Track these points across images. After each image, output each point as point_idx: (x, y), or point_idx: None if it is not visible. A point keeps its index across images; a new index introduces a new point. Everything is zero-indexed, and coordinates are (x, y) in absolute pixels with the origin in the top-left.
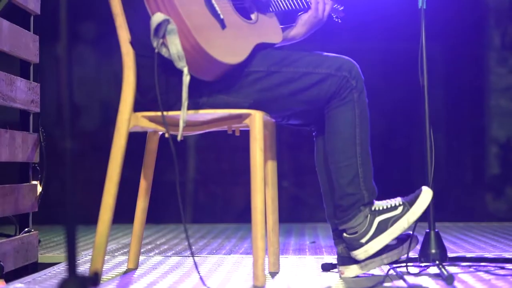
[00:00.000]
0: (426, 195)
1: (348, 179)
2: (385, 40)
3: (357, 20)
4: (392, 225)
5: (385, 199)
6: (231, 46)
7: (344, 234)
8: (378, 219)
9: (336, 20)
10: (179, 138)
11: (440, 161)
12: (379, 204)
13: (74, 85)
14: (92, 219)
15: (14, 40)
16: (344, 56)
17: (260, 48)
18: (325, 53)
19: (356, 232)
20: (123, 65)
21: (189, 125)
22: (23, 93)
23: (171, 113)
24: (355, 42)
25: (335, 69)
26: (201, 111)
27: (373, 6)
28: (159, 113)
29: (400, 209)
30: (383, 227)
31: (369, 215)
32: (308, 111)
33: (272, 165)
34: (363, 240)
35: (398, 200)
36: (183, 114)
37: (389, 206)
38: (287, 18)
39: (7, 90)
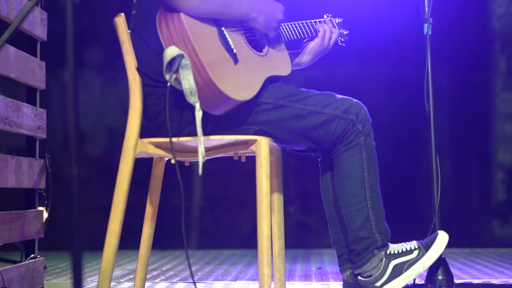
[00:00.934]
0: (442, 239)
1: (359, 223)
2: (391, 65)
3: (363, 44)
4: (407, 269)
5: (391, 225)
6: (243, 81)
7: (359, 278)
8: (393, 263)
9: (341, 44)
10: (200, 172)
11: (446, 187)
12: (394, 248)
13: (80, 110)
14: (98, 245)
15: (21, 66)
16: (352, 99)
17: (271, 81)
18: (335, 94)
19: (370, 276)
20: (130, 92)
21: (195, 151)
22: (29, 119)
23: (176, 139)
24: (360, 67)
25: (342, 111)
26: (208, 137)
27: (378, 31)
28: (165, 139)
29: (415, 253)
30: (398, 271)
31: (384, 259)
32: None
33: (278, 191)
34: (378, 284)
35: (413, 244)
36: (201, 150)
37: (404, 250)
38: (292, 44)
39: (14, 116)
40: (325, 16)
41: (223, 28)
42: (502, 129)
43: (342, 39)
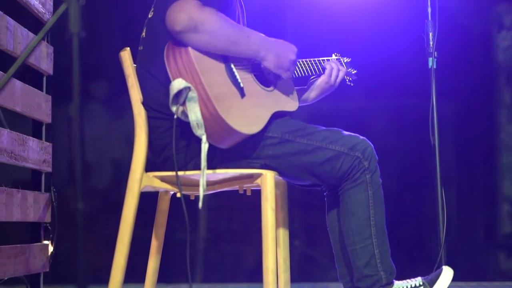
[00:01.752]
0: (447, 274)
1: (364, 260)
2: (396, 99)
3: (369, 78)
4: None
5: (396, 260)
6: (249, 115)
7: None
8: None
9: (349, 83)
10: (200, 205)
11: (451, 220)
12: (399, 285)
13: (86, 144)
14: (103, 279)
15: (26, 100)
16: (359, 136)
17: (277, 116)
18: (342, 131)
19: None
20: (135, 125)
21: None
22: (35, 153)
23: (182, 173)
24: (366, 100)
25: (349, 148)
26: (214, 171)
27: (384, 65)
28: (170, 173)
29: None
30: None
31: None
32: None
33: (283, 225)
34: None
35: (418, 280)
36: (203, 182)
37: (409, 287)
38: (299, 79)
39: (20, 150)
40: (333, 55)
41: (231, 64)
42: (508, 161)
43: (350, 78)
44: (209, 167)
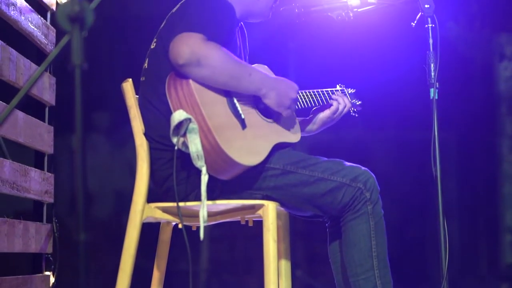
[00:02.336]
0: None
1: None
2: (398, 129)
3: (370, 109)
4: None
5: None
6: (250, 147)
7: None
8: None
9: (353, 114)
10: (201, 237)
11: (454, 250)
12: None
13: (88, 174)
14: None
15: (29, 131)
16: (361, 167)
17: (279, 147)
18: (344, 162)
19: None
20: (137, 156)
21: None
22: (37, 184)
23: (183, 204)
24: (367, 131)
25: (350, 179)
26: (215, 202)
27: (385, 96)
28: (172, 204)
29: None
30: None
31: None
32: None
33: (285, 256)
34: None
35: None
36: (203, 213)
37: None
38: (302, 110)
39: (22, 180)
40: (337, 86)
41: (234, 98)
42: (510, 192)
43: (355, 109)
44: (211, 198)
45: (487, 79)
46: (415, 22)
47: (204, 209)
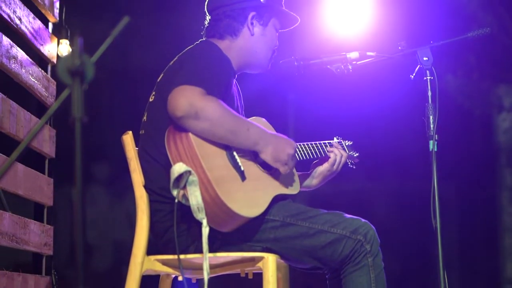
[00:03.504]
0: None
1: None
2: (398, 181)
3: (370, 161)
4: None
5: None
6: (250, 198)
7: None
8: None
9: (351, 166)
10: None
11: None
12: None
13: (87, 225)
14: None
15: (29, 183)
16: (361, 219)
17: (279, 199)
18: (344, 214)
19: None
20: (137, 208)
21: (202, 268)
22: (36, 236)
23: (184, 256)
24: (367, 183)
25: (350, 231)
26: (216, 254)
27: (385, 148)
28: (172, 256)
29: None
30: None
31: None
32: None
33: None
34: None
35: None
36: (206, 266)
37: None
38: (299, 163)
39: (21, 233)
40: (335, 138)
41: (233, 151)
42: (510, 243)
43: (353, 162)
44: (211, 250)
45: (486, 131)
46: (414, 74)
47: (207, 262)
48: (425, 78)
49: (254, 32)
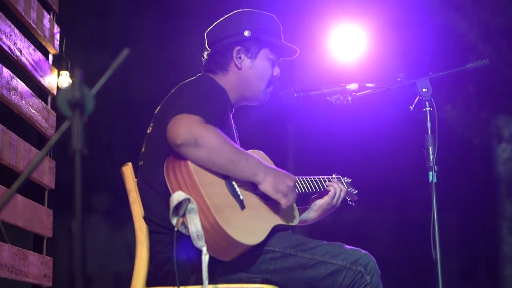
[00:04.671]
0: None
1: None
2: (397, 213)
3: (369, 193)
4: None
5: None
6: (250, 227)
7: None
8: None
9: (350, 203)
10: None
11: None
12: None
13: (86, 256)
14: None
15: (28, 214)
16: (361, 250)
17: (278, 229)
18: (344, 245)
19: None
20: (136, 240)
21: None
22: (35, 268)
23: (186, 287)
24: (367, 215)
25: (351, 262)
26: (217, 286)
27: (385, 179)
28: None
29: None
30: None
31: None
32: None
33: None
34: None
35: None
36: None
37: None
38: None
39: (20, 264)
40: (333, 175)
41: (232, 181)
42: (510, 274)
43: (352, 199)
44: (210, 281)
45: (486, 161)
46: (413, 105)
47: None
48: (424, 109)
49: (242, 66)
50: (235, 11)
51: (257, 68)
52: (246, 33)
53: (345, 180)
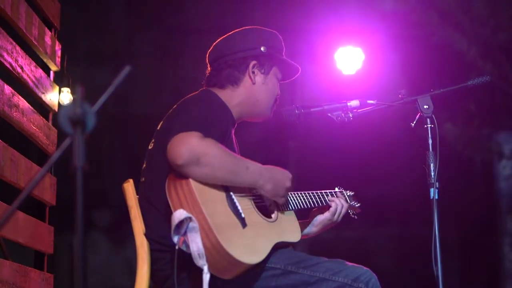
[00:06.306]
0: None
1: None
2: (399, 229)
3: (371, 209)
4: None
5: None
6: (251, 245)
7: None
8: None
9: (353, 216)
10: None
11: None
12: None
13: (87, 273)
14: None
15: (29, 231)
16: (363, 267)
17: (279, 246)
18: (345, 262)
19: None
20: (137, 257)
21: None
22: (36, 284)
23: None
24: (368, 231)
25: (352, 279)
26: None
27: (386, 196)
28: None
29: None
30: None
31: None
32: None
33: None
34: None
35: None
36: None
37: None
38: (300, 210)
39: (21, 281)
40: (336, 188)
41: (231, 193)
42: None
43: (354, 212)
44: None
45: (487, 178)
46: (415, 122)
47: None
48: (425, 126)
49: (256, 81)
50: (244, 28)
51: (268, 84)
52: (263, 49)
53: (348, 193)
